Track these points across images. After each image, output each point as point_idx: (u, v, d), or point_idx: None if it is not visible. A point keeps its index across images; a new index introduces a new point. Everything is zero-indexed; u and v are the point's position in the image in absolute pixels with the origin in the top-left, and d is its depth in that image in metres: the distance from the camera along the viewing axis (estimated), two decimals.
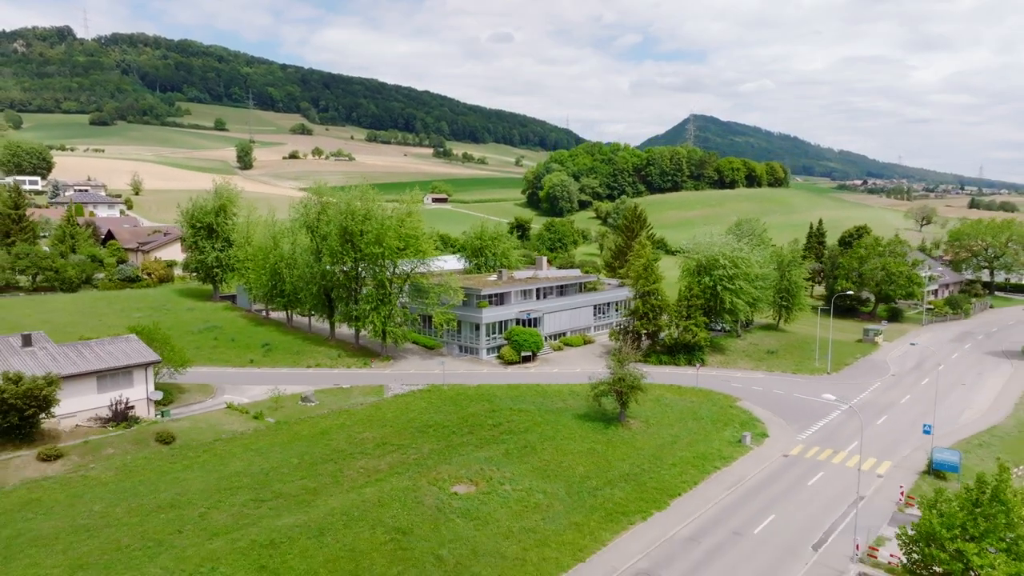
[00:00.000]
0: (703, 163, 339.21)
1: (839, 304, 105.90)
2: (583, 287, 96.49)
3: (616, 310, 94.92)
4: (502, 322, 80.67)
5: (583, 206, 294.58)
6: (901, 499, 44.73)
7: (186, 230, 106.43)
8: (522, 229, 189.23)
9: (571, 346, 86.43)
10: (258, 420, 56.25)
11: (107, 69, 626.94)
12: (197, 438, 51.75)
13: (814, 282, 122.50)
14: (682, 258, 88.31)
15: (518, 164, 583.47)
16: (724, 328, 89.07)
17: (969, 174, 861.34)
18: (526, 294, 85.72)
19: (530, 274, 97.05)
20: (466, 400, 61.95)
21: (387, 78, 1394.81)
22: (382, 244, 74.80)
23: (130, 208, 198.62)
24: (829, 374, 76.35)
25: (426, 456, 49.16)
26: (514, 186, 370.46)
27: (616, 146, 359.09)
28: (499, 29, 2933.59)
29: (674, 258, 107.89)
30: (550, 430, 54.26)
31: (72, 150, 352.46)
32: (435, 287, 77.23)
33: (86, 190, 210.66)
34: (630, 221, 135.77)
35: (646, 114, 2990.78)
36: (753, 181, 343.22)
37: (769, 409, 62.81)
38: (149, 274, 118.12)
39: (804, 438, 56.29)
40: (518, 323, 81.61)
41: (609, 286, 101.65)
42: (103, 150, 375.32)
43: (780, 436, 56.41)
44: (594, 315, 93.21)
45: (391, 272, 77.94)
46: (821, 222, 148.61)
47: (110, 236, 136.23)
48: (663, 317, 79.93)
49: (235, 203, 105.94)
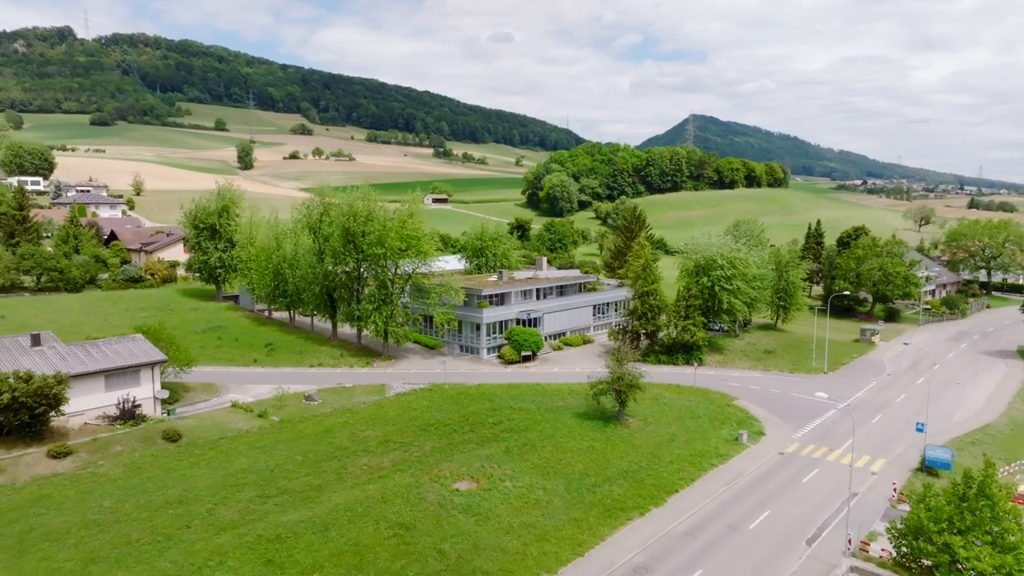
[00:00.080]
0: (703, 163, 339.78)
1: (837, 304, 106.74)
2: (583, 287, 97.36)
3: (615, 310, 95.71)
4: (502, 322, 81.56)
5: (583, 206, 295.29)
6: (894, 495, 45.66)
7: (189, 231, 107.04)
8: (522, 229, 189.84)
9: (571, 346, 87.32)
10: (263, 418, 57.12)
11: (107, 69, 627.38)
12: (203, 436, 52.65)
13: (812, 282, 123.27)
14: (680, 259, 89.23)
15: (518, 164, 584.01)
16: (722, 328, 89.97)
17: (969, 174, 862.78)
18: (526, 294, 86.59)
19: (530, 274, 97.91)
20: (467, 399, 62.80)
21: (387, 78, 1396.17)
22: (384, 245, 75.57)
23: (132, 208, 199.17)
24: (826, 373, 77.25)
25: (428, 454, 50.00)
26: (514, 186, 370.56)
27: (616, 146, 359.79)
28: (499, 29, 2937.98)
29: (673, 258, 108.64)
30: (550, 428, 55.11)
31: (73, 150, 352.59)
32: (436, 287, 78.01)
33: (88, 191, 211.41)
34: (629, 222, 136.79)
35: (646, 114, 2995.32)
36: (752, 181, 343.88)
37: (766, 408, 63.73)
38: (152, 274, 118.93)
39: (800, 436, 57.21)
40: (518, 323, 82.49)
41: (608, 286, 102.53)
42: (104, 150, 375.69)
43: (776, 434, 57.33)
44: (593, 315, 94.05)
45: (393, 273, 78.72)
46: (819, 223, 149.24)
47: (113, 237, 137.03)
48: (662, 317, 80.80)
49: (238, 204, 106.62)
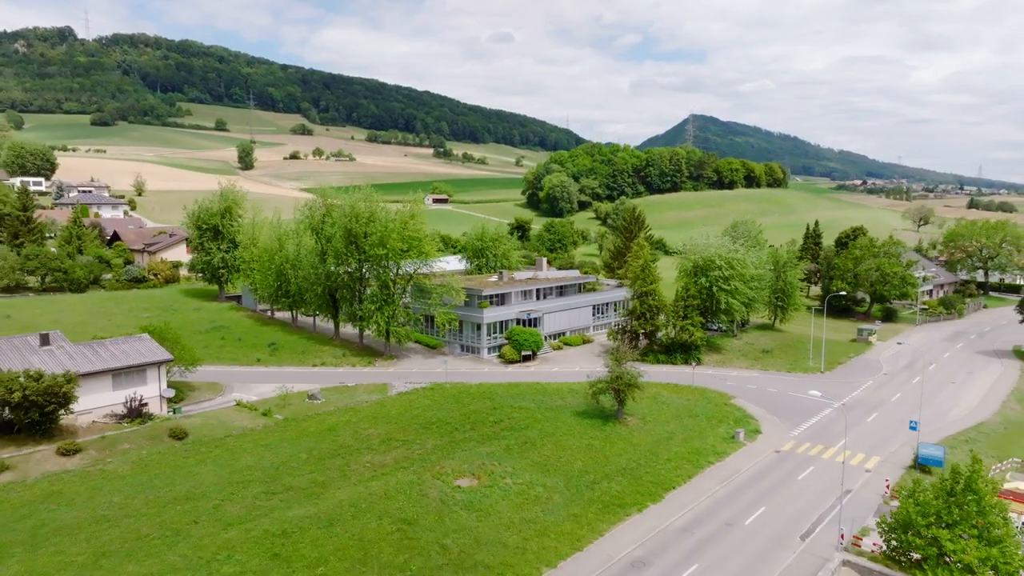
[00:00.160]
0: (702, 164, 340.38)
1: (834, 304, 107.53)
2: (582, 288, 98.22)
3: (615, 310, 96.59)
4: (503, 322, 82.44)
5: (583, 207, 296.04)
6: (887, 492, 46.55)
7: (192, 231, 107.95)
8: (522, 230, 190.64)
9: (570, 345, 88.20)
10: (267, 417, 58.03)
11: (108, 69, 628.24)
12: (209, 434, 53.56)
13: (810, 283, 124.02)
14: (679, 259, 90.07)
15: (518, 164, 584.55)
16: (720, 328, 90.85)
17: (969, 174, 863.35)
18: (526, 294, 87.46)
19: (530, 275, 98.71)
20: (468, 398, 63.68)
21: (387, 78, 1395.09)
22: (386, 246, 76.49)
23: (133, 209, 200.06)
24: (823, 373, 78.08)
25: (430, 451, 50.86)
26: (514, 186, 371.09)
27: (616, 147, 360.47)
28: (499, 29, 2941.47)
29: (672, 259, 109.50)
30: (550, 426, 55.96)
31: (74, 150, 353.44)
32: (437, 288, 78.88)
33: (90, 191, 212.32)
34: (629, 222, 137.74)
35: (646, 114, 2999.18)
36: (752, 182, 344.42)
37: (763, 407, 64.59)
38: (155, 275, 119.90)
39: (796, 434, 58.07)
40: (518, 323, 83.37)
41: (608, 287, 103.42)
42: (104, 151, 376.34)
43: (773, 432, 58.20)
44: (593, 315, 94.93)
45: (394, 273, 79.63)
46: (817, 223, 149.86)
47: (116, 237, 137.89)
48: (660, 317, 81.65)
49: (241, 205, 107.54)
